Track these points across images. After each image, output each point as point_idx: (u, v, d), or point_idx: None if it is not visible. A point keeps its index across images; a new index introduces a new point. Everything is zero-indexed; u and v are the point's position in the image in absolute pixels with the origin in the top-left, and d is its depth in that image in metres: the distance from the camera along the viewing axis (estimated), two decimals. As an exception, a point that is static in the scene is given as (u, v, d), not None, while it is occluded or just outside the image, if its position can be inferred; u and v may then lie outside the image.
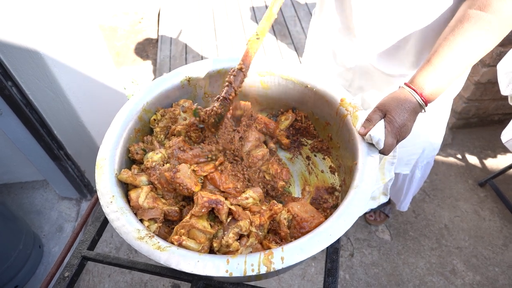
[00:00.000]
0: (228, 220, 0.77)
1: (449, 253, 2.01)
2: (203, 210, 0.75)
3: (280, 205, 0.82)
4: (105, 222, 0.91)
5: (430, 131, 1.35)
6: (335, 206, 0.90)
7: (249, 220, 0.78)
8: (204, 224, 0.75)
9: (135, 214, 0.76)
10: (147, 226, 0.74)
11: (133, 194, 0.79)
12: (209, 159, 0.89)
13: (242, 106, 0.99)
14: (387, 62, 1.11)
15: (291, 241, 0.75)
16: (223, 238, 0.74)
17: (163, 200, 0.82)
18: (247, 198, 0.84)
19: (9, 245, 1.74)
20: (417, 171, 1.51)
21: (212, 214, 0.79)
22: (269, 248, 0.74)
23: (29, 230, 1.92)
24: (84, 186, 2.15)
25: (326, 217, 0.76)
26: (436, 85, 0.81)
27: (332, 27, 1.18)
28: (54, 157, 1.89)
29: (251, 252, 0.75)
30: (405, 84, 0.83)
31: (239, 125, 1.00)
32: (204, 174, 0.84)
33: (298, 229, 0.78)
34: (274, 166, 0.97)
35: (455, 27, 0.83)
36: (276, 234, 0.81)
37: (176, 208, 0.81)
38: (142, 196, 0.78)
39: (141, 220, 0.75)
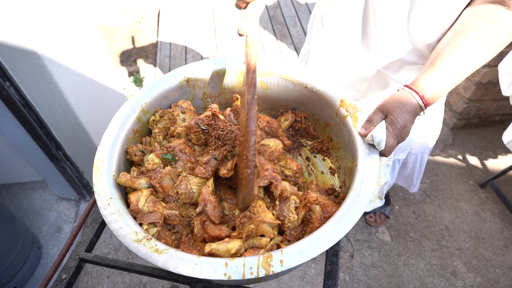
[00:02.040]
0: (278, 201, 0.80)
1: (449, 255, 2.01)
2: (264, 182, 0.81)
3: (314, 195, 0.78)
4: (103, 224, 0.90)
5: (429, 126, 1.38)
6: (338, 197, 0.89)
7: (296, 195, 0.81)
8: (270, 216, 0.75)
9: (135, 218, 0.75)
10: (146, 230, 0.73)
11: (133, 197, 0.78)
12: (218, 160, 0.88)
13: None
14: (405, 74, 1.12)
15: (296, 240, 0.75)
16: (287, 216, 0.76)
17: (163, 204, 0.81)
18: (269, 146, 0.90)
19: (7, 246, 1.73)
20: (425, 156, 1.54)
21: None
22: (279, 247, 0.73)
23: (28, 231, 1.91)
24: (83, 187, 2.15)
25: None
26: (438, 89, 0.82)
27: (345, 41, 1.17)
28: (52, 158, 1.88)
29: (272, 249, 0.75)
30: (405, 86, 0.83)
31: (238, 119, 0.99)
32: (230, 174, 0.86)
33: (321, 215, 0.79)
34: (294, 162, 0.96)
35: (459, 34, 0.85)
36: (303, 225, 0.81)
37: (177, 212, 0.80)
38: (142, 200, 0.77)
39: (141, 224, 0.75)
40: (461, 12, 0.91)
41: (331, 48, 1.24)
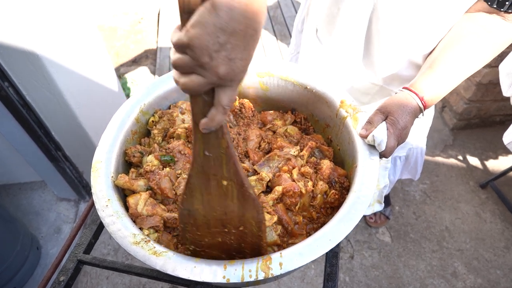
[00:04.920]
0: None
1: (450, 256, 2.00)
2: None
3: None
4: (102, 225, 0.89)
5: (423, 118, 1.40)
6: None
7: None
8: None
9: (134, 222, 0.74)
10: (147, 235, 0.73)
11: (131, 200, 0.77)
12: None
13: (241, 102, 0.98)
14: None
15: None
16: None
17: (162, 206, 0.80)
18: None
19: (6, 246, 1.73)
20: (423, 146, 1.55)
21: None
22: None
23: (27, 231, 1.90)
24: (82, 187, 2.14)
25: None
26: (436, 91, 0.83)
27: (346, 59, 1.16)
28: (52, 158, 1.88)
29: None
30: (405, 88, 0.83)
31: (238, 121, 0.99)
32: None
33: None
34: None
35: (456, 38, 0.87)
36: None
37: (176, 215, 0.79)
38: (141, 203, 0.76)
39: (141, 229, 0.74)
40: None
41: (330, 63, 1.22)
